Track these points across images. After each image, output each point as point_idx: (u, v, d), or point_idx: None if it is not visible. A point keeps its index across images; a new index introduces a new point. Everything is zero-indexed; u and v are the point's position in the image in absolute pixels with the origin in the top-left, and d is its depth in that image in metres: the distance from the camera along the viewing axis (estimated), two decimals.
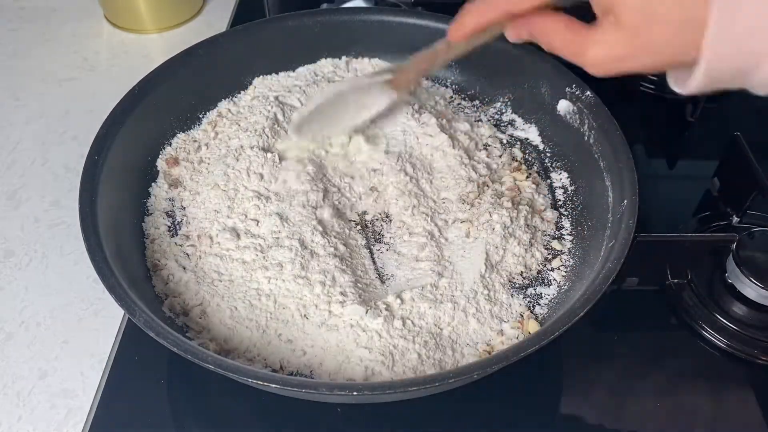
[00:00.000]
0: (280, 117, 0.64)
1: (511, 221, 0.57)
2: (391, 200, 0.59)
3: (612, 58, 0.42)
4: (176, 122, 0.65)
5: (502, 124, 0.69)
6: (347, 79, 0.60)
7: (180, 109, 0.65)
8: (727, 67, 0.40)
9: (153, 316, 0.45)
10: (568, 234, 0.59)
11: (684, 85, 0.43)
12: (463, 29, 0.51)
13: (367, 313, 0.50)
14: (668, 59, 0.41)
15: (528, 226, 0.58)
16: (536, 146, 0.67)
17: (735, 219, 0.62)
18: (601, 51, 0.42)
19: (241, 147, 0.61)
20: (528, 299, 0.55)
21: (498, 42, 0.67)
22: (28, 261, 0.62)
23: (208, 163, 0.62)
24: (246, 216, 0.56)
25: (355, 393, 0.41)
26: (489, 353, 0.50)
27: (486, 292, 0.53)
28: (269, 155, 0.60)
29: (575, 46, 0.44)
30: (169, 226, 0.58)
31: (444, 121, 0.65)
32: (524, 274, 0.56)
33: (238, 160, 0.59)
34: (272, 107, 0.64)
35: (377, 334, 0.49)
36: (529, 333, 0.51)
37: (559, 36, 0.45)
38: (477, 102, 0.71)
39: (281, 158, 0.60)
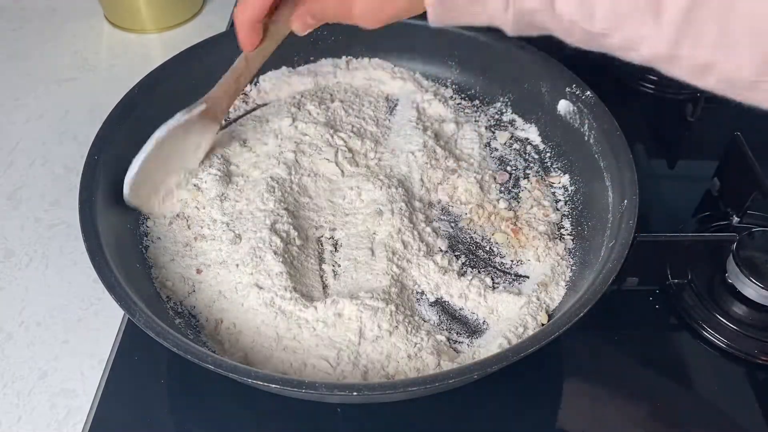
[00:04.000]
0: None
1: None
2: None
3: (372, 8, 0.49)
4: None
5: (502, 124, 0.69)
6: (163, 125, 0.55)
7: (180, 109, 0.65)
8: None
9: (153, 316, 0.45)
10: (568, 234, 0.59)
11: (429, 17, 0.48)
12: (248, 33, 0.53)
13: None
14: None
15: None
16: (536, 146, 0.67)
17: (735, 219, 0.62)
18: (362, 5, 0.48)
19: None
20: None
21: (498, 42, 0.68)
22: (28, 261, 0.61)
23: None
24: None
25: (355, 393, 0.41)
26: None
27: None
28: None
29: (344, 8, 0.49)
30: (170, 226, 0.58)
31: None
32: None
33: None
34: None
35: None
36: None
37: (330, 5, 0.50)
38: (477, 102, 0.71)
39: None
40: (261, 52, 0.56)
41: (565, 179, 0.63)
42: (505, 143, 0.67)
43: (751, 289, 0.55)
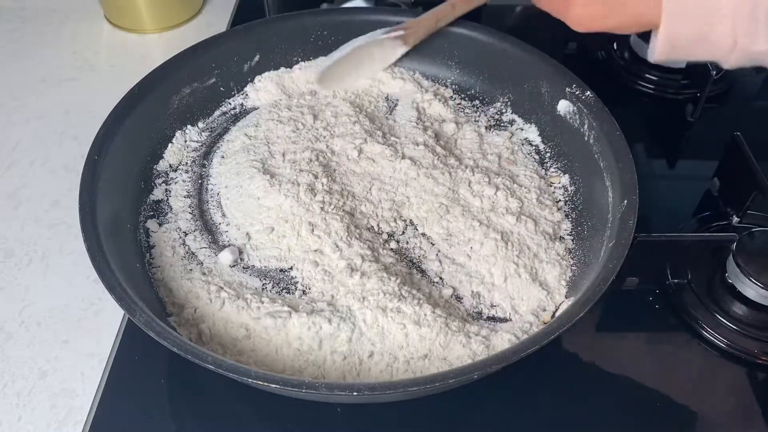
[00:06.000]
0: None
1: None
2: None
3: (589, 16, 0.51)
4: (176, 122, 0.65)
5: (502, 124, 0.69)
6: (365, 36, 0.66)
7: (180, 109, 0.65)
8: (684, 29, 0.47)
9: (153, 316, 0.45)
10: (568, 234, 0.59)
11: (652, 52, 0.50)
12: None
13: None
14: (638, 20, 0.49)
15: None
16: (536, 146, 0.67)
17: (735, 219, 0.62)
18: (580, 9, 0.51)
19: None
20: None
21: (498, 42, 0.68)
22: (28, 261, 0.61)
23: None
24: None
25: (355, 393, 0.41)
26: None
27: None
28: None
29: (560, 3, 0.52)
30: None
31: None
32: None
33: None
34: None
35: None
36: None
37: None
38: (477, 102, 0.71)
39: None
40: (469, 3, 0.65)
41: (565, 179, 0.63)
42: (504, 143, 0.67)
43: (751, 289, 0.55)
